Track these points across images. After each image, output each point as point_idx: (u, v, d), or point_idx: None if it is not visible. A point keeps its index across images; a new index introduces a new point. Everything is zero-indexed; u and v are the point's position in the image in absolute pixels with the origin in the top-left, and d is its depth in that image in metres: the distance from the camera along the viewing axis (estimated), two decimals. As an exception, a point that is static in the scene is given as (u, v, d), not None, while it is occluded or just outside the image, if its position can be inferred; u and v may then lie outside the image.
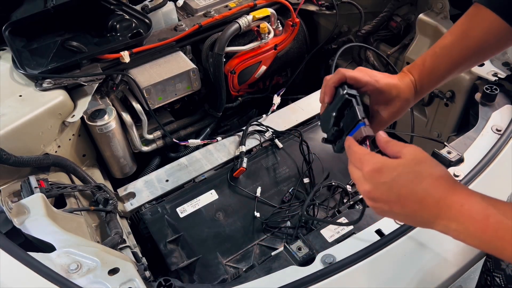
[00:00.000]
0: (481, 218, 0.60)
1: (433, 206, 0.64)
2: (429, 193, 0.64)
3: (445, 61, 0.87)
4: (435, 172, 0.65)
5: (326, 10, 1.79)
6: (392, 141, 0.72)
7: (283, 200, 1.40)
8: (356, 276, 0.93)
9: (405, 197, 0.65)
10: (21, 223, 0.95)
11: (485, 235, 0.61)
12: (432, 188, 0.64)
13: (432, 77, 0.88)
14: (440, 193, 0.63)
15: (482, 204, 0.61)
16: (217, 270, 1.23)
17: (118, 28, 1.53)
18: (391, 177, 0.66)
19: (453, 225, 0.63)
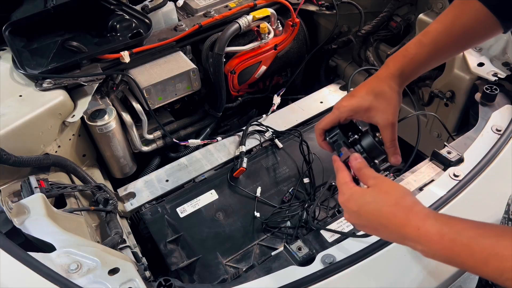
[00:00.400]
0: (437, 238, 0.66)
1: (397, 232, 0.71)
2: (390, 220, 0.71)
3: (429, 49, 0.89)
4: (391, 201, 0.72)
5: (326, 10, 1.79)
6: (364, 169, 0.80)
7: (283, 200, 1.40)
8: (356, 276, 0.93)
9: (374, 223, 0.74)
10: (21, 223, 0.95)
11: (444, 253, 0.66)
12: (391, 216, 0.71)
13: (415, 64, 0.90)
14: (398, 220, 0.71)
15: (436, 225, 0.67)
16: (217, 270, 1.23)
17: (118, 28, 1.53)
18: (358, 206, 0.75)
19: (418, 246, 0.69)
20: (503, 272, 0.59)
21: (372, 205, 0.74)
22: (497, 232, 0.63)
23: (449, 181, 1.11)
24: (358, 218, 0.77)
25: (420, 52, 0.89)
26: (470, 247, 0.63)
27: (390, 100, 0.87)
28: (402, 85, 0.90)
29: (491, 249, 0.61)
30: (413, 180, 1.20)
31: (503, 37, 1.37)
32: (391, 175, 1.39)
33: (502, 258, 0.60)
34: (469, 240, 0.63)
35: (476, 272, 0.64)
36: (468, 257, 0.63)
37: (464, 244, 0.63)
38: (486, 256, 0.61)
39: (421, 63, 0.90)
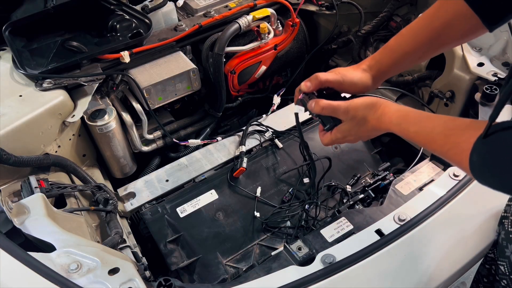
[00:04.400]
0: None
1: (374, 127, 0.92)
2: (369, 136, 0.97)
3: (408, 41, 0.94)
4: (366, 130, 0.93)
5: (326, 10, 1.79)
6: (326, 107, 0.96)
7: (283, 200, 1.40)
8: (356, 276, 0.93)
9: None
10: (21, 223, 0.95)
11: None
12: (369, 135, 0.96)
13: (394, 55, 0.97)
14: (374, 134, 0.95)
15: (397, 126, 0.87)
16: (217, 270, 1.23)
17: (118, 28, 1.53)
18: (343, 141, 0.99)
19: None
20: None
21: (358, 133, 0.95)
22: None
23: (449, 181, 1.12)
24: (348, 141, 1.00)
25: (399, 43, 0.96)
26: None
27: (357, 82, 0.99)
28: (376, 75, 1.00)
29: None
30: (413, 180, 1.20)
31: (503, 37, 1.37)
32: (390, 175, 1.39)
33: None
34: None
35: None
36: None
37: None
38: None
39: (400, 54, 0.96)
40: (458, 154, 0.72)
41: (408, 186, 1.18)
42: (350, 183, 1.44)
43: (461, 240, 1.01)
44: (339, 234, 1.09)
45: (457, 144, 0.73)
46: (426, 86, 1.58)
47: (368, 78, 1.00)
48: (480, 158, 0.68)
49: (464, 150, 0.70)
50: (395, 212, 1.06)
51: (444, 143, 0.76)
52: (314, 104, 0.99)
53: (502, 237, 0.99)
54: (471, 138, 0.69)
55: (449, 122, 0.78)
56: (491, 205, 1.05)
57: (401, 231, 1.00)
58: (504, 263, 0.98)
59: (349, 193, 1.39)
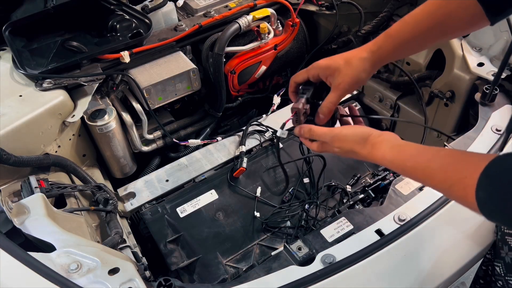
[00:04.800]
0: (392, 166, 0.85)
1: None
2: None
3: (410, 28, 0.92)
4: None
5: (326, 10, 1.79)
6: (315, 131, 0.94)
7: (283, 200, 1.40)
8: (356, 276, 0.93)
9: None
10: (21, 223, 0.95)
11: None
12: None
13: (395, 41, 0.93)
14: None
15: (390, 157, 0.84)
16: (217, 270, 1.23)
17: (118, 28, 1.53)
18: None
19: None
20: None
21: (349, 156, 0.91)
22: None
23: (449, 181, 1.11)
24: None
25: (401, 30, 0.93)
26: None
27: (355, 69, 0.93)
28: (377, 61, 0.95)
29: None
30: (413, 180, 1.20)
31: (503, 37, 1.37)
32: (390, 175, 1.39)
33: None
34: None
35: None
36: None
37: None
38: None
39: (401, 41, 0.93)
40: (462, 190, 0.68)
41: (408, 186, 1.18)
42: (350, 183, 1.44)
43: (461, 240, 1.01)
44: (339, 234, 1.09)
45: (460, 180, 0.68)
46: (426, 86, 1.58)
47: (368, 64, 0.95)
48: (487, 193, 0.64)
49: (467, 186, 0.66)
50: (395, 212, 1.06)
51: (444, 179, 0.72)
52: (300, 130, 0.97)
53: (498, 238, 0.99)
54: (475, 173, 0.65)
55: (448, 156, 0.74)
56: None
57: (401, 231, 1.00)
58: (499, 264, 0.98)
59: (349, 193, 1.39)
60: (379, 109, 1.77)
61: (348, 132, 0.90)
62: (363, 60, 0.94)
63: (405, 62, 1.63)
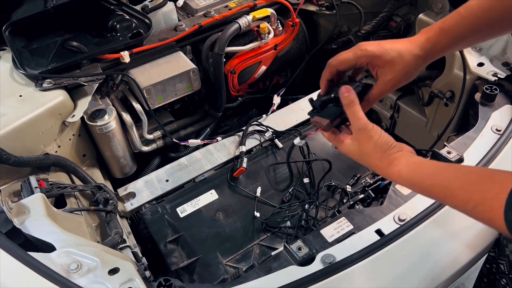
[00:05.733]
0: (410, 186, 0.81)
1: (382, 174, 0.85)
2: (376, 169, 0.85)
3: (468, 23, 0.84)
4: (373, 162, 0.84)
5: (326, 10, 1.79)
6: (354, 108, 0.84)
7: (283, 200, 1.40)
8: (356, 276, 0.93)
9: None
10: (21, 223, 0.95)
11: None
12: (376, 169, 0.85)
13: (451, 36, 0.85)
14: (381, 172, 0.84)
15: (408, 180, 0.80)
16: (217, 270, 1.23)
17: (118, 28, 1.53)
18: (353, 157, 0.89)
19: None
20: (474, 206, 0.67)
21: (360, 161, 0.87)
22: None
23: (449, 181, 1.11)
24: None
25: (457, 26, 0.85)
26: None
27: (407, 66, 0.85)
28: (428, 58, 0.87)
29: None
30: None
31: (503, 37, 1.37)
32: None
33: None
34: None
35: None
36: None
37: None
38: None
39: (457, 37, 0.85)
40: (488, 211, 0.65)
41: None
42: (350, 183, 1.44)
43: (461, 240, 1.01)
44: (339, 234, 1.09)
45: (485, 201, 0.65)
46: (426, 86, 1.58)
47: (421, 62, 0.86)
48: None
49: (494, 208, 0.63)
50: (395, 212, 1.06)
51: (467, 200, 0.68)
52: (347, 93, 0.84)
53: (503, 236, 0.99)
54: (501, 193, 0.62)
55: (471, 174, 0.71)
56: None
57: (401, 231, 1.00)
58: (504, 262, 0.98)
59: (349, 193, 1.39)
60: (379, 109, 1.77)
61: (375, 134, 0.83)
62: (416, 58, 0.86)
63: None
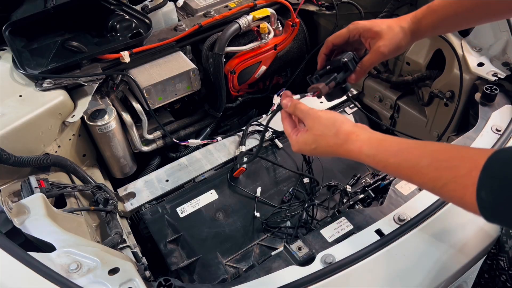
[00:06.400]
0: (371, 161, 0.79)
1: (344, 156, 0.83)
2: (336, 153, 0.83)
3: (454, 4, 0.91)
4: (329, 141, 0.83)
5: (326, 10, 1.79)
6: (297, 107, 0.89)
7: (283, 200, 1.40)
8: (356, 276, 0.93)
9: (324, 156, 0.90)
10: (21, 223, 0.95)
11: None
12: (334, 151, 0.83)
13: (436, 16, 0.93)
14: (341, 153, 0.82)
15: (370, 152, 0.78)
16: (217, 270, 1.23)
17: (118, 28, 1.53)
18: (308, 151, 0.88)
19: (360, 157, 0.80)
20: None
21: (318, 149, 0.85)
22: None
23: (449, 181, 1.11)
24: (312, 154, 0.92)
25: (444, 5, 0.92)
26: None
27: (396, 36, 0.94)
28: (416, 32, 0.95)
29: None
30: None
31: (503, 37, 1.37)
32: (391, 175, 1.39)
33: None
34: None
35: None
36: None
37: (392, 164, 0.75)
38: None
39: (443, 17, 0.92)
40: (458, 190, 0.63)
41: (408, 186, 1.18)
42: (350, 183, 1.44)
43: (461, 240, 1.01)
44: (339, 234, 1.09)
45: (456, 179, 0.63)
46: (426, 86, 1.58)
47: (409, 33, 0.94)
48: (491, 194, 0.59)
49: (465, 186, 0.61)
50: (395, 212, 1.06)
51: (437, 178, 0.67)
52: (288, 101, 0.92)
53: (503, 232, 0.99)
54: (473, 170, 0.60)
55: (440, 152, 0.68)
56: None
57: (401, 231, 1.00)
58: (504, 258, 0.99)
59: (349, 193, 1.39)
60: (379, 109, 1.77)
61: (322, 114, 0.85)
62: (404, 30, 0.94)
63: (405, 62, 1.63)
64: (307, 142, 0.86)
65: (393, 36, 0.93)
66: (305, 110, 0.88)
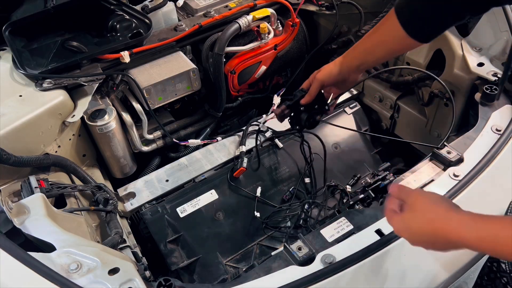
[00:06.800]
0: (477, 243, 0.72)
1: (446, 244, 0.78)
2: (436, 238, 0.78)
3: (359, 48, 1.16)
4: (428, 220, 0.78)
5: (326, 10, 1.79)
6: (401, 191, 0.86)
7: (283, 199, 1.40)
8: (356, 276, 0.93)
9: (426, 243, 0.81)
10: (21, 223, 0.95)
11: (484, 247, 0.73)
12: (435, 234, 0.77)
13: (355, 51, 1.17)
14: (442, 235, 0.77)
15: (473, 232, 0.73)
16: (217, 270, 1.23)
17: (118, 28, 1.53)
18: (408, 234, 0.83)
19: (463, 246, 0.75)
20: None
21: (418, 230, 0.80)
22: None
23: (449, 181, 1.12)
24: (414, 242, 0.83)
25: (359, 43, 1.16)
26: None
27: (327, 67, 1.22)
28: (344, 63, 1.18)
29: None
30: (413, 180, 1.20)
31: (503, 37, 1.37)
32: (390, 175, 1.39)
33: None
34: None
35: None
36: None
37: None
38: None
39: (359, 52, 1.16)
40: None
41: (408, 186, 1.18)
42: (350, 183, 1.44)
43: (461, 240, 1.01)
44: (339, 234, 1.09)
45: None
46: (426, 86, 1.58)
47: (336, 62, 1.19)
48: None
49: None
50: (395, 212, 1.06)
51: None
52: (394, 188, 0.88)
53: None
54: None
55: None
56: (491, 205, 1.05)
57: (401, 231, 0.99)
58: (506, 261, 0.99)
59: (349, 193, 1.39)
60: (379, 109, 1.77)
61: (428, 192, 0.84)
62: (335, 62, 1.20)
63: (405, 62, 1.63)
64: (408, 225, 0.82)
65: (326, 67, 1.21)
66: (408, 189, 0.86)
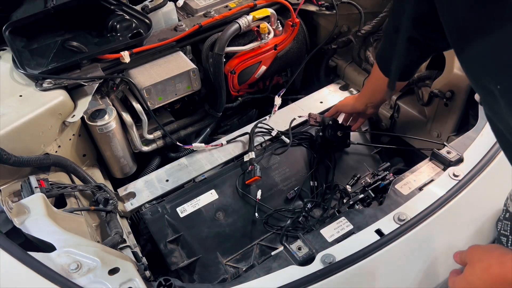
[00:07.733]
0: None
1: (505, 286, 0.76)
2: (496, 279, 0.77)
3: (368, 87, 1.43)
4: (489, 277, 0.78)
5: (326, 10, 1.79)
6: (461, 253, 0.86)
7: (287, 197, 1.40)
8: (356, 276, 0.93)
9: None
10: (21, 223, 0.95)
11: None
12: (493, 276, 0.78)
13: (362, 96, 1.44)
14: (499, 275, 0.77)
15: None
16: (217, 270, 1.23)
17: (118, 28, 1.53)
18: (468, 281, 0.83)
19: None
20: None
21: (478, 282, 0.80)
22: None
23: (449, 181, 1.12)
24: None
25: (366, 85, 1.44)
26: None
27: (347, 98, 1.53)
28: (362, 98, 1.44)
29: None
30: (413, 180, 1.20)
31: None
32: (390, 175, 1.39)
33: None
34: None
35: None
36: None
37: None
38: None
39: (368, 94, 1.41)
40: None
41: (408, 186, 1.18)
42: (350, 183, 1.44)
43: (461, 240, 1.01)
44: (339, 234, 1.09)
45: None
46: (426, 86, 1.57)
47: (355, 95, 1.43)
48: None
49: None
50: (395, 212, 1.06)
51: None
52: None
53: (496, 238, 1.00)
54: None
55: None
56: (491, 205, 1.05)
57: (401, 231, 1.00)
58: None
59: (349, 193, 1.39)
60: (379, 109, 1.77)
61: (482, 245, 0.85)
62: (354, 95, 1.49)
63: (405, 62, 1.63)
64: (471, 283, 0.83)
65: (347, 98, 1.51)
66: (465, 251, 0.87)
